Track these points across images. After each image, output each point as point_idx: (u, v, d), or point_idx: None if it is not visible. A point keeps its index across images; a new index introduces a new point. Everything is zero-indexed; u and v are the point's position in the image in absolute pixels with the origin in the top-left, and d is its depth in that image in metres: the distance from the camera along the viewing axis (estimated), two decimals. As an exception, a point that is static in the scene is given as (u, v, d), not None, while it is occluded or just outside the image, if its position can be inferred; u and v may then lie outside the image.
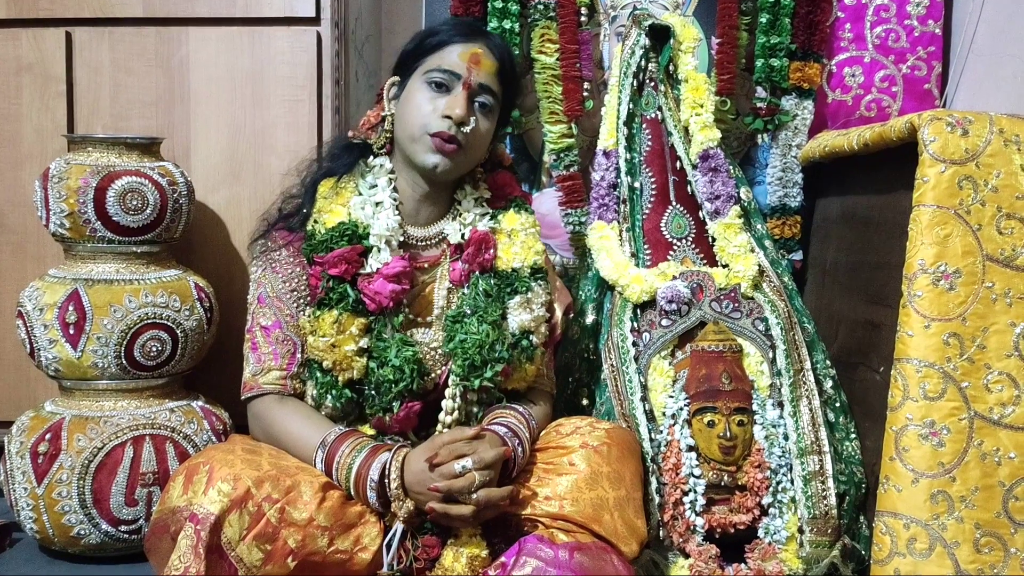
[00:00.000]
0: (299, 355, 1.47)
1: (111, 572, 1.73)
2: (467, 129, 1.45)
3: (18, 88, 2.03)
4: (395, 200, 1.52)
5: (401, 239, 1.51)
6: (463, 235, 1.54)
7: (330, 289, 1.44)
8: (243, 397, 1.49)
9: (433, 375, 1.50)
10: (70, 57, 2.03)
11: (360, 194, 1.51)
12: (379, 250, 1.47)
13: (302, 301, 1.48)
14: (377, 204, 1.50)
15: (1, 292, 2.05)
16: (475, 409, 1.49)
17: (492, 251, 1.53)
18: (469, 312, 1.48)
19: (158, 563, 1.31)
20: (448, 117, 1.44)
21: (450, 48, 1.47)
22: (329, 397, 1.44)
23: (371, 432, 1.45)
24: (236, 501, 1.25)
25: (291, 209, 1.54)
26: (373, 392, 1.43)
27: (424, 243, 1.55)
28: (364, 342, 1.44)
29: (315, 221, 1.49)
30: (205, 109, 2.03)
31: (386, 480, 1.34)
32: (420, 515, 1.36)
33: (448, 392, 1.48)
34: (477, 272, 1.52)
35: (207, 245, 2.04)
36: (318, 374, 1.45)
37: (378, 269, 1.46)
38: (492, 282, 1.52)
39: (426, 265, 1.54)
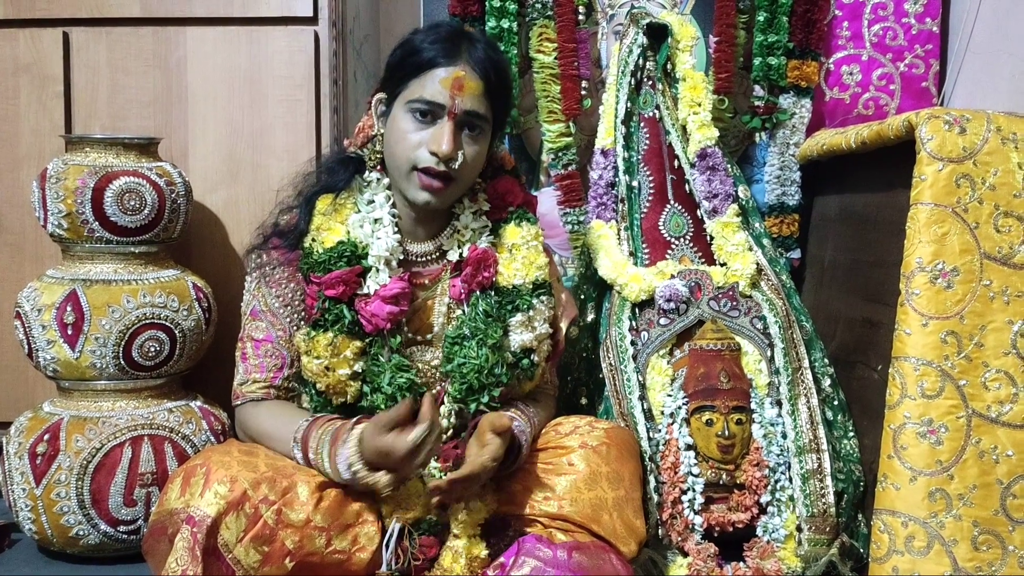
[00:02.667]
0: (287, 370, 1.47)
1: (110, 573, 1.73)
2: (455, 164, 1.40)
3: (15, 88, 2.03)
4: (394, 217, 1.48)
5: (401, 257, 1.47)
6: (462, 253, 1.50)
7: (326, 310, 1.41)
8: (233, 405, 1.50)
9: (433, 392, 1.48)
10: (67, 57, 2.03)
11: (359, 211, 1.47)
12: (378, 271, 1.43)
13: (296, 317, 1.46)
14: (376, 221, 1.46)
15: (-1, 293, 2.05)
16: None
17: (492, 269, 1.48)
18: (469, 334, 1.44)
19: (156, 565, 1.30)
20: (434, 154, 1.39)
21: (432, 74, 1.39)
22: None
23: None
24: (233, 503, 1.25)
25: (287, 223, 1.50)
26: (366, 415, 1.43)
27: (424, 258, 1.51)
28: (359, 366, 1.42)
29: (313, 239, 1.45)
30: (203, 109, 2.03)
31: (355, 474, 1.31)
32: (402, 482, 1.34)
33: (443, 410, 1.46)
34: (477, 291, 1.48)
35: (205, 245, 2.03)
36: (313, 392, 1.45)
37: (376, 291, 1.42)
38: (493, 300, 1.47)
39: (427, 281, 1.51)
